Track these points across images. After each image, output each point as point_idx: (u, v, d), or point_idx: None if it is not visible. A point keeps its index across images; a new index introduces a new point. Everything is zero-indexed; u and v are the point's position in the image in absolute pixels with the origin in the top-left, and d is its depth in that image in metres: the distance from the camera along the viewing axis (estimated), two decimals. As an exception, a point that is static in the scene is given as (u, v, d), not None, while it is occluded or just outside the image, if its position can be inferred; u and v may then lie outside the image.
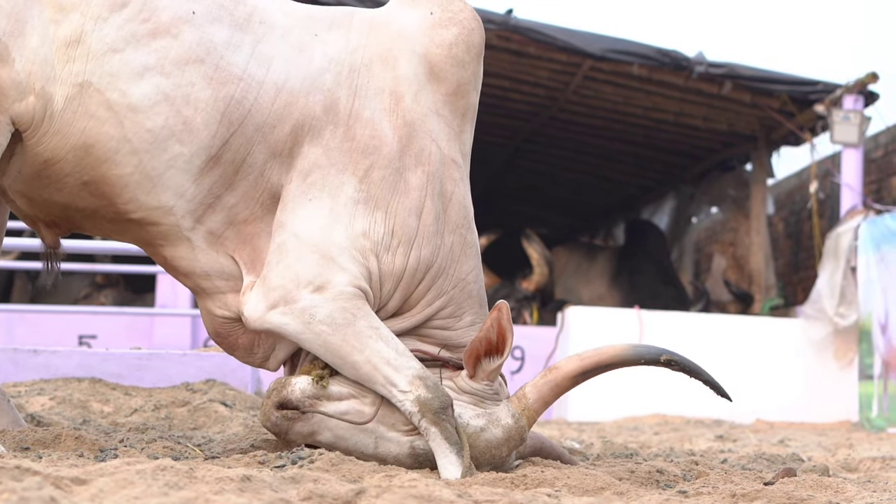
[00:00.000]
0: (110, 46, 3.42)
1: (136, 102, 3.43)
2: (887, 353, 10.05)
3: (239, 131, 3.52)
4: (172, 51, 3.48)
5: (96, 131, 3.43)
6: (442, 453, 3.41)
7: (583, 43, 11.55)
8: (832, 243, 10.98)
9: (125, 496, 2.20)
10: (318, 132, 3.62)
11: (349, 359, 3.47)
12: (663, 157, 15.17)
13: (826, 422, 10.45)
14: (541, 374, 3.66)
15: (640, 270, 13.86)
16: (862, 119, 11.10)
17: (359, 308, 3.51)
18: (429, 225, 3.67)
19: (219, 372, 6.02)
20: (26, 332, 10.70)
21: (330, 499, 2.46)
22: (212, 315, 3.72)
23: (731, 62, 11.87)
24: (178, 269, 3.66)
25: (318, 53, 3.68)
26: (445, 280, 3.71)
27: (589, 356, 3.67)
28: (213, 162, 3.51)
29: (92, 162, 3.46)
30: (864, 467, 4.73)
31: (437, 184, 3.72)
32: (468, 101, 3.89)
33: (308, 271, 3.50)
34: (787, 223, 14.32)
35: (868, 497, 3.15)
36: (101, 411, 5.23)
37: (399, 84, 3.74)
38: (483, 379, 3.57)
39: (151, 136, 3.44)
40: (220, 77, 3.51)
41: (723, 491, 3.10)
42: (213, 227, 3.58)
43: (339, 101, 3.65)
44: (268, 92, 3.57)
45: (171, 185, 3.50)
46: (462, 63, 3.86)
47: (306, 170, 3.59)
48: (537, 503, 2.50)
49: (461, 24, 3.89)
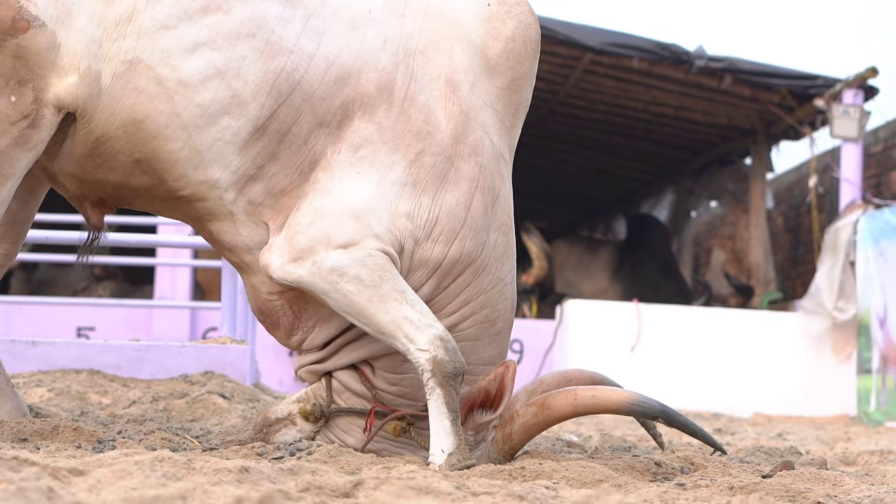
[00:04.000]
0: (162, 23, 3.44)
1: (187, 77, 3.44)
2: (886, 348, 10.05)
3: (287, 102, 3.53)
4: (224, 26, 3.49)
5: (146, 106, 3.44)
6: (438, 417, 3.41)
7: (583, 36, 11.54)
8: (831, 238, 10.98)
9: (123, 487, 2.20)
10: (371, 109, 3.61)
11: (373, 319, 3.47)
12: (663, 151, 15.17)
13: (824, 415, 10.46)
14: (532, 413, 3.56)
15: (642, 264, 13.86)
16: (861, 114, 11.09)
17: (386, 270, 3.50)
18: (476, 218, 3.66)
19: (217, 364, 6.02)
20: (24, 324, 10.71)
21: (328, 490, 2.46)
22: (256, 291, 3.73)
23: (731, 56, 11.86)
24: (223, 243, 3.67)
25: (371, 32, 3.68)
26: (486, 278, 3.70)
27: (585, 402, 3.51)
28: (260, 133, 3.53)
29: (143, 138, 3.47)
30: (862, 461, 4.73)
31: (488, 177, 3.71)
32: (522, 96, 3.88)
33: (341, 233, 3.50)
34: (787, 217, 14.32)
35: (866, 490, 3.15)
36: (99, 403, 5.23)
37: (455, 72, 3.73)
38: (470, 429, 3.59)
39: (201, 109, 3.46)
40: (270, 50, 3.52)
41: (721, 484, 3.10)
42: (253, 198, 3.59)
43: (394, 81, 3.64)
44: (318, 65, 3.57)
45: (217, 158, 3.51)
46: (519, 58, 3.85)
47: (357, 143, 3.59)
48: (535, 495, 2.50)
49: (518, 19, 3.88)
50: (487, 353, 3.72)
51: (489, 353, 3.73)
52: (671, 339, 11.06)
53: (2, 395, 3.95)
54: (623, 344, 10.98)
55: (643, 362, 10.91)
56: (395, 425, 3.65)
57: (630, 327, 11.00)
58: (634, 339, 10.98)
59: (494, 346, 3.75)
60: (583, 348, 10.99)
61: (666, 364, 10.92)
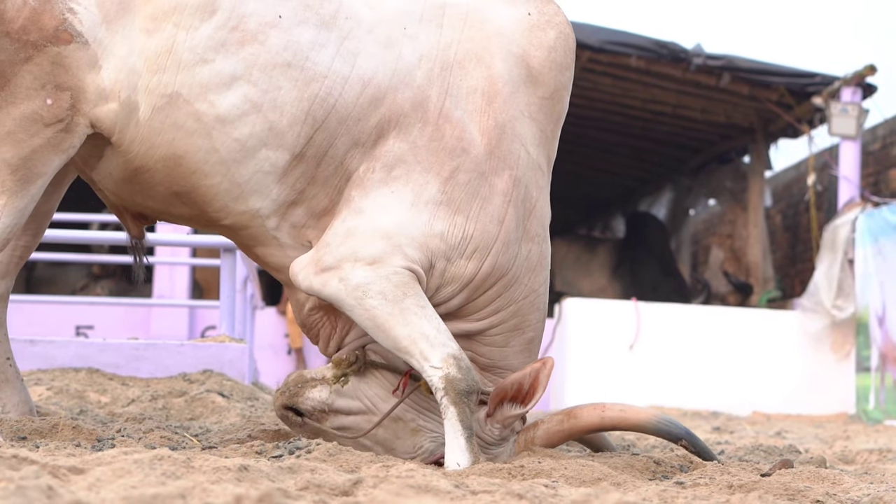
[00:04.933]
0: (201, 57, 3.44)
1: (224, 113, 3.45)
2: (884, 346, 10.06)
3: (322, 127, 3.54)
4: (260, 57, 3.49)
5: (185, 142, 3.45)
6: (453, 435, 3.41)
7: (581, 34, 11.52)
8: (830, 236, 10.99)
9: (122, 485, 2.20)
10: (406, 128, 3.61)
11: (392, 332, 3.48)
12: (661, 149, 15.17)
13: (823, 414, 10.46)
14: (558, 420, 3.65)
15: (642, 262, 13.86)
16: (860, 111, 11.09)
17: (409, 287, 3.51)
18: (510, 232, 3.67)
19: (216, 362, 6.02)
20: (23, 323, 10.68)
21: (327, 489, 2.46)
22: (301, 306, 3.79)
23: (730, 54, 11.87)
24: (271, 265, 3.72)
25: (407, 49, 3.66)
26: (517, 289, 3.71)
27: (613, 416, 3.62)
28: (298, 160, 3.54)
29: (182, 173, 3.49)
30: (861, 459, 4.73)
31: (522, 189, 3.70)
32: (563, 105, 3.89)
33: (369, 251, 3.52)
34: (785, 215, 14.32)
35: (865, 488, 3.15)
36: (98, 401, 5.23)
37: (493, 83, 3.71)
38: (498, 422, 3.59)
39: (239, 144, 3.47)
40: (304, 77, 3.52)
41: (720, 482, 3.10)
42: (295, 221, 3.62)
43: (429, 98, 3.63)
44: (353, 87, 3.57)
45: (257, 188, 3.53)
46: (561, 67, 3.85)
47: (391, 163, 3.59)
48: (534, 493, 2.50)
49: (559, 28, 3.88)
50: (518, 361, 3.73)
51: (520, 361, 3.73)
52: (670, 337, 11.06)
53: (11, 387, 3.97)
54: (622, 342, 10.99)
55: (642, 361, 10.92)
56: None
57: (629, 326, 11.00)
58: (633, 338, 10.98)
59: (526, 354, 3.76)
60: (581, 347, 10.99)
61: (664, 362, 10.93)
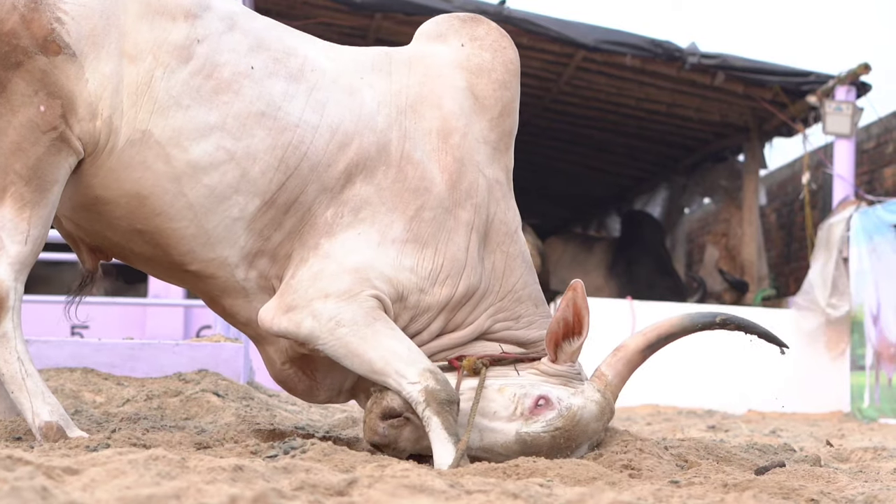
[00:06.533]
0: (175, 101, 3.43)
1: (196, 159, 3.45)
2: (879, 344, 10.07)
3: (295, 174, 3.57)
4: (234, 107, 3.50)
5: (151, 183, 3.43)
6: (439, 442, 3.44)
7: (575, 34, 11.54)
8: (824, 234, 10.99)
9: (117, 486, 2.20)
10: (372, 171, 3.67)
11: (366, 356, 3.51)
12: (656, 148, 15.17)
13: (818, 412, 10.47)
14: (611, 354, 3.80)
15: (637, 261, 13.86)
16: (854, 110, 11.10)
17: (378, 312, 3.56)
18: (473, 255, 3.75)
19: (211, 362, 6.02)
20: (18, 323, 10.66)
21: (322, 489, 2.46)
22: (272, 362, 3.81)
23: (724, 53, 11.87)
24: (239, 318, 3.72)
25: (367, 96, 3.74)
26: (492, 298, 3.80)
27: (651, 331, 3.87)
28: (268, 206, 3.56)
29: (146, 213, 3.47)
30: (856, 458, 4.74)
31: (483, 213, 3.79)
32: (513, 117, 3.96)
33: (337, 287, 3.54)
34: (780, 214, 14.33)
35: (860, 487, 3.15)
36: (93, 401, 5.23)
37: (446, 122, 3.79)
38: (565, 361, 3.67)
39: (209, 190, 3.47)
40: (278, 126, 3.55)
41: (714, 481, 3.10)
42: (262, 270, 3.63)
43: (390, 142, 3.71)
44: (322, 135, 3.62)
45: (226, 235, 3.53)
46: (504, 84, 3.92)
47: (358, 206, 3.64)
48: (529, 493, 2.50)
49: (492, 48, 3.95)
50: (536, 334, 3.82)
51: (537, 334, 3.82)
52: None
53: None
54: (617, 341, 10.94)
55: (638, 359, 10.89)
56: (471, 361, 3.67)
57: (624, 324, 11.00)
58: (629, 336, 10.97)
59: (534, 328, 3.85)
60: (577, 345, 10.97)
61: (660, 361, 10.90)
